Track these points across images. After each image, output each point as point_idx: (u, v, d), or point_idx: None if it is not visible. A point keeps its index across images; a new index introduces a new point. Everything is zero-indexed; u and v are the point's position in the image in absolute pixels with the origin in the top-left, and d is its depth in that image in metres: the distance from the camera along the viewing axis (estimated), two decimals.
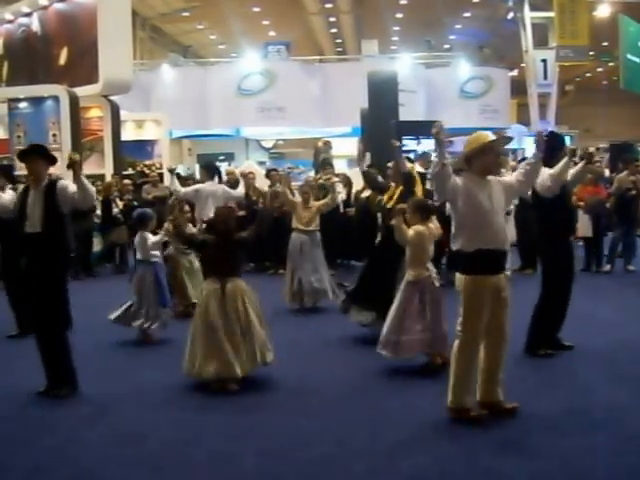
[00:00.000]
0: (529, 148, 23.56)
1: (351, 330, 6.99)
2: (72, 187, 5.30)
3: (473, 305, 4.57)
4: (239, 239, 5.57)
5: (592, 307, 8.25)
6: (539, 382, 5.46)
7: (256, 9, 28.64)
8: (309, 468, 4.08)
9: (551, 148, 6.31)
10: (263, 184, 12.38)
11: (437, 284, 5.80)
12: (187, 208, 8.63)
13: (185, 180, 14.32)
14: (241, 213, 11.58)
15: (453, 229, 4.70)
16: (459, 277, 4.64)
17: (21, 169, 14.95)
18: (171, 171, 9.66)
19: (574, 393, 5.21)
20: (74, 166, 5.16)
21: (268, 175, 12.49)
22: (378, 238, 7.03)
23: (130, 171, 17.51)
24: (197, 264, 7.96)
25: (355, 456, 4.21)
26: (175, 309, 7.85)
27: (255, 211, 11.56)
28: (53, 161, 5.41)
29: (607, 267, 10.72)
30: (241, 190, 9.74)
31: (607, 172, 14.82)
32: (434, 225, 5.85)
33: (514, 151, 24.44)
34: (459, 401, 4.67)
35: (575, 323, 7.29)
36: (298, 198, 9.02)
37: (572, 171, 6.23)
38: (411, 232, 5.66)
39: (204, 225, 6.08)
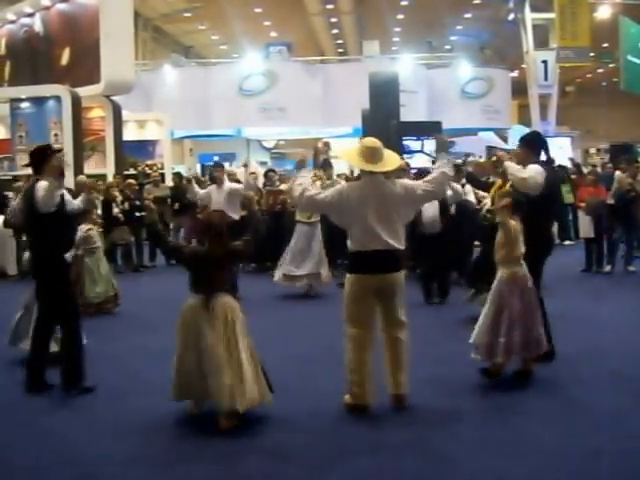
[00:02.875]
0: None
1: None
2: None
3: None
4: (233, 249, 4.89)
5: (593, 307, 8.27)
6: (540, 382, 5.47)
7: (257, 10, 28.68)
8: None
9: (533, 147, 6.36)
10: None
11: (530, 283, 5.45)
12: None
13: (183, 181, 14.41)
14: (242, 213, 11.65)
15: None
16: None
17: (21, 168, 15.16)
18: (189, 180, 10.06)
19: (575, 393, 5.22)
20: None
21: (266, 175, 12.54)
22: None
23: (132, 171, 17.55)
24: (102, 266, 8.48)
25: (358, 453, 4.24)
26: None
27: (254, 212, 11.65)
28: None
29: (608, 268, 10.74)
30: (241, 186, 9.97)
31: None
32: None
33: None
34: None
35: (576, 323, 7.33)
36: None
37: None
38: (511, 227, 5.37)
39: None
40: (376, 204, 4.80)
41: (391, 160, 4.96)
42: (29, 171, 5.74)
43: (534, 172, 5.77)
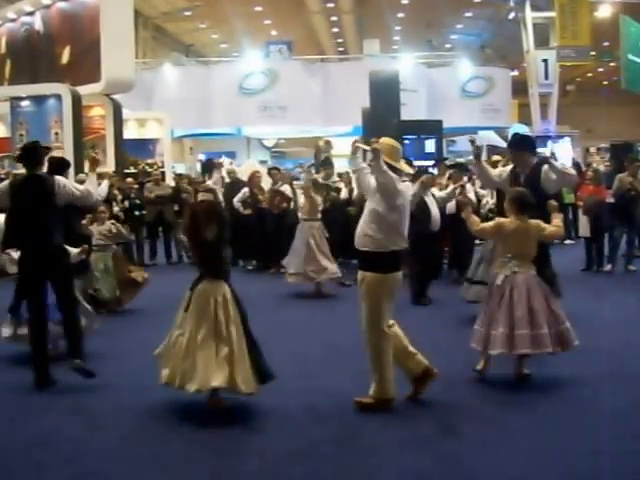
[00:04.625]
0: None
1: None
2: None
3: None
4: (213, 239, 4.95)
5: (593, 307, 8.28)
6: (540, 381, 5.48)
7: (258, 8, 28.66)
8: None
9: (525, 149, 6.43)
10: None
11: (536, 280, 5.43)
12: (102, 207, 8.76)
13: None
14: (247, 212, 11.65)
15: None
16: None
17: (21, 167, 15.17)
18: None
19: (576, 393, 5.23)
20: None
21: (269, 173, 12.54)
22: None
23: (132, 169, 17.56)
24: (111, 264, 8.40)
25: (358, 452, 4.25)
26: None
27: (260, 209, 11.66)
28: None
29: (608, 267, 10.74)
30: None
31: None
32: (536, 221, 5.45)
33: None
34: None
35: (576, 322, 7.32)
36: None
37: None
38: (491, 224, 5.41)
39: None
40: (407, 204, 5.02)
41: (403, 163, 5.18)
42: None
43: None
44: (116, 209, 11.65)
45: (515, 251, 5.42)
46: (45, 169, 6.12)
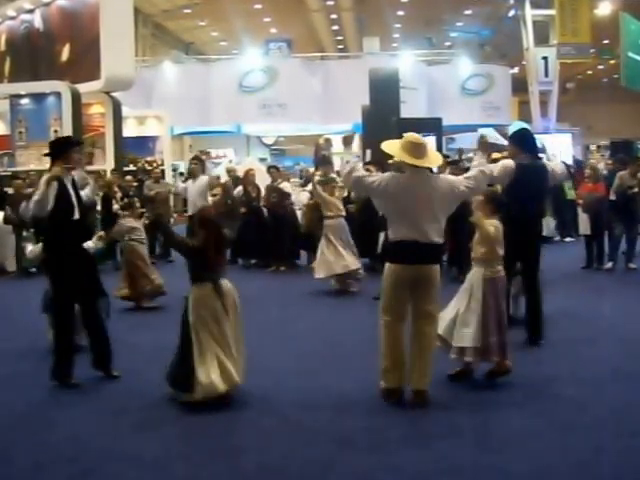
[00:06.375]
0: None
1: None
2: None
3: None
4: (225, 236, 5.29)
5: (593, 304, 8.27)
6: (542, 380, 5.47)
7: (257, 6, 28.64)
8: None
9: (529, 145, 6.41)
10: (264, 181, 12.39)
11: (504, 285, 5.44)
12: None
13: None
14: (242, 210, 11.63)
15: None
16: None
17: (20, 164, 15.17)
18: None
19: (577, 391, 5.21)
20: None
21: (269, 171, 12.53)
22: None
23: (131, 167, 17.57)
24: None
25: (357, 450, 4.24)
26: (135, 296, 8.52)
27: (254, 208, 11.64)
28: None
29: (608, 265, 10.73)
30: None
31: None
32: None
33: None
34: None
35: (577, 320, 7.33)
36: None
37: None
38: (492, 228, 5.35)
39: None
40: (420, 197, 4.91)
41: (435, 157, 5.14)
42: (30, 167, 5.82)
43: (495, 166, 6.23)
44: (115, 207, 11.65)
45: (501, 252, 5.41)
46: None
